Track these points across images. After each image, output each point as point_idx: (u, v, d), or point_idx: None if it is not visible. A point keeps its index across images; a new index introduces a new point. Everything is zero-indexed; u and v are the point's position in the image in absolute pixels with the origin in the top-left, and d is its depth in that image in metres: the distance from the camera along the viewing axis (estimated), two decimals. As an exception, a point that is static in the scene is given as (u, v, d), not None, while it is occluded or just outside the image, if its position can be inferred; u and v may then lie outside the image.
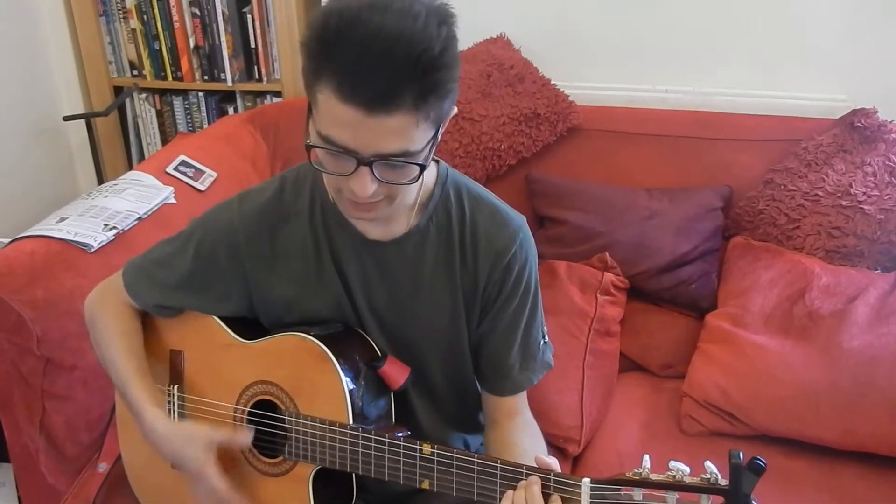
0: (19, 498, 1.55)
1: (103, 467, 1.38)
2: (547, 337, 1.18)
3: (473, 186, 1.11)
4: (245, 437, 1.09)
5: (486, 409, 1.19)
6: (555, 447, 1.54)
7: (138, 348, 1.16)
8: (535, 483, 0.91)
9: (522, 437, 1.12)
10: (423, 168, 0.90)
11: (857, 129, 1.72)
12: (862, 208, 1.66)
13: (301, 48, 0.87)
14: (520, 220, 1.11)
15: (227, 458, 1.13)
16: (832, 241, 1.69)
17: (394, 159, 0.87)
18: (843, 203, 1.68)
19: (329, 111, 0.85)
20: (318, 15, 0.84)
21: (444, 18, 0.85)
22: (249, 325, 1.15)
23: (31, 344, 1.30)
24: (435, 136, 0.91)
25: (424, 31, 0.82)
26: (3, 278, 1.30)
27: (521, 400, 1.17)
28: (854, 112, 1.75)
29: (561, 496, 0.90)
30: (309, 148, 0.91)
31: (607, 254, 1.73)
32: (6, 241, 1.43)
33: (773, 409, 1.49)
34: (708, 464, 0.84)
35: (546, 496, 0.90)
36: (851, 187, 1.68)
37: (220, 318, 1.15)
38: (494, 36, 2.00)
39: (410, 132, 0.86)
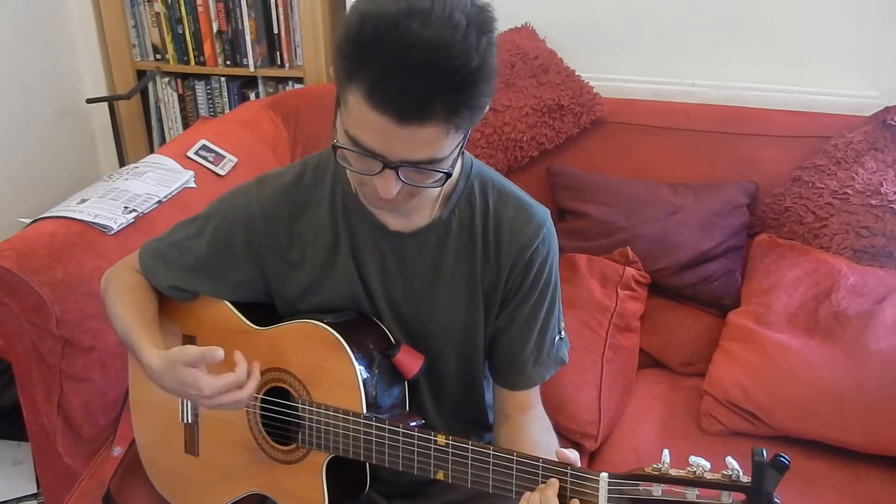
0: (37, 477, 1.57)
1: (118, 451, 1.39)
2: (563, 332, 1.16)
3: (498, 179, 1.09)
4: (209, 352, 0.96)
5: (497, 404, 1.17)
6: (571, 442, 1.52)
7: (145, 304, 1.13)
8: (552, 485, 0.89)
9: (535, 430, 1.11)
10: (448, 175, 0.89)
11: (889, 126, 1.68)
12: (892, 208, 1.62)
13: (335, 47, 0.84)
14: (544, 213, 1.09)
15: (242, 446, 1.13)
16: (860, 241, 1.65)
17: (420, 166, 0.86)
18: (873, 202, 1.64)
19: (359, 115, 0.83)
20: (354, 16, 0.81)
21: (485, 27, 0.82)
22: (262, 312, 1.14)
23: (51, 324, 1.31)
24: (462, 141, 0.89)
25: (464, 43, 0.79)
26: (24, 259, 1.30)
27: (533, 394, 1.15)
28: (886, 109, 1.71)
29: (579, 499, 0.89)
30: (335, 148, 0.89)
31: (629, 248, 1.71)
32: (27, 221, 1.43)
33: (796, 409, 1.47)
34: (729, 459, 0.82)
35: (563, 497, 0.89)
36: (882, 186, 1.64)
37: (233, 303, 1.15)
38: (519, 25, 1.98)
39: (440, 142, 0.84)
